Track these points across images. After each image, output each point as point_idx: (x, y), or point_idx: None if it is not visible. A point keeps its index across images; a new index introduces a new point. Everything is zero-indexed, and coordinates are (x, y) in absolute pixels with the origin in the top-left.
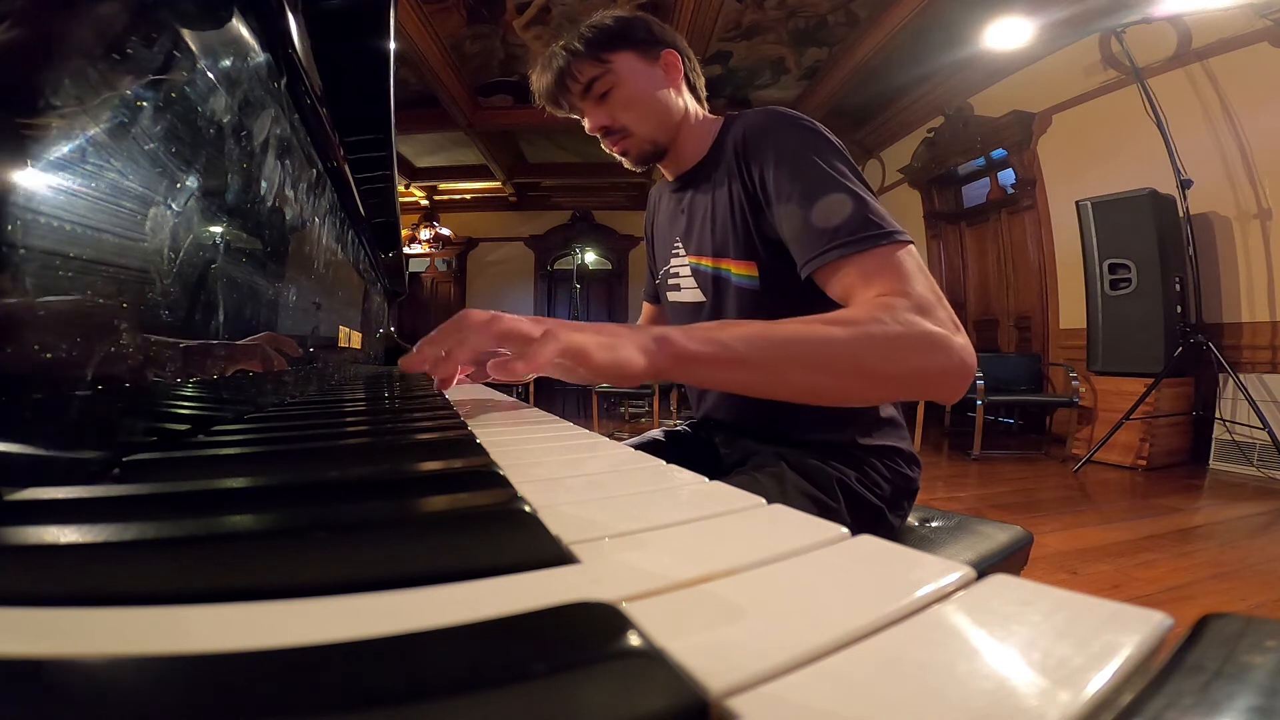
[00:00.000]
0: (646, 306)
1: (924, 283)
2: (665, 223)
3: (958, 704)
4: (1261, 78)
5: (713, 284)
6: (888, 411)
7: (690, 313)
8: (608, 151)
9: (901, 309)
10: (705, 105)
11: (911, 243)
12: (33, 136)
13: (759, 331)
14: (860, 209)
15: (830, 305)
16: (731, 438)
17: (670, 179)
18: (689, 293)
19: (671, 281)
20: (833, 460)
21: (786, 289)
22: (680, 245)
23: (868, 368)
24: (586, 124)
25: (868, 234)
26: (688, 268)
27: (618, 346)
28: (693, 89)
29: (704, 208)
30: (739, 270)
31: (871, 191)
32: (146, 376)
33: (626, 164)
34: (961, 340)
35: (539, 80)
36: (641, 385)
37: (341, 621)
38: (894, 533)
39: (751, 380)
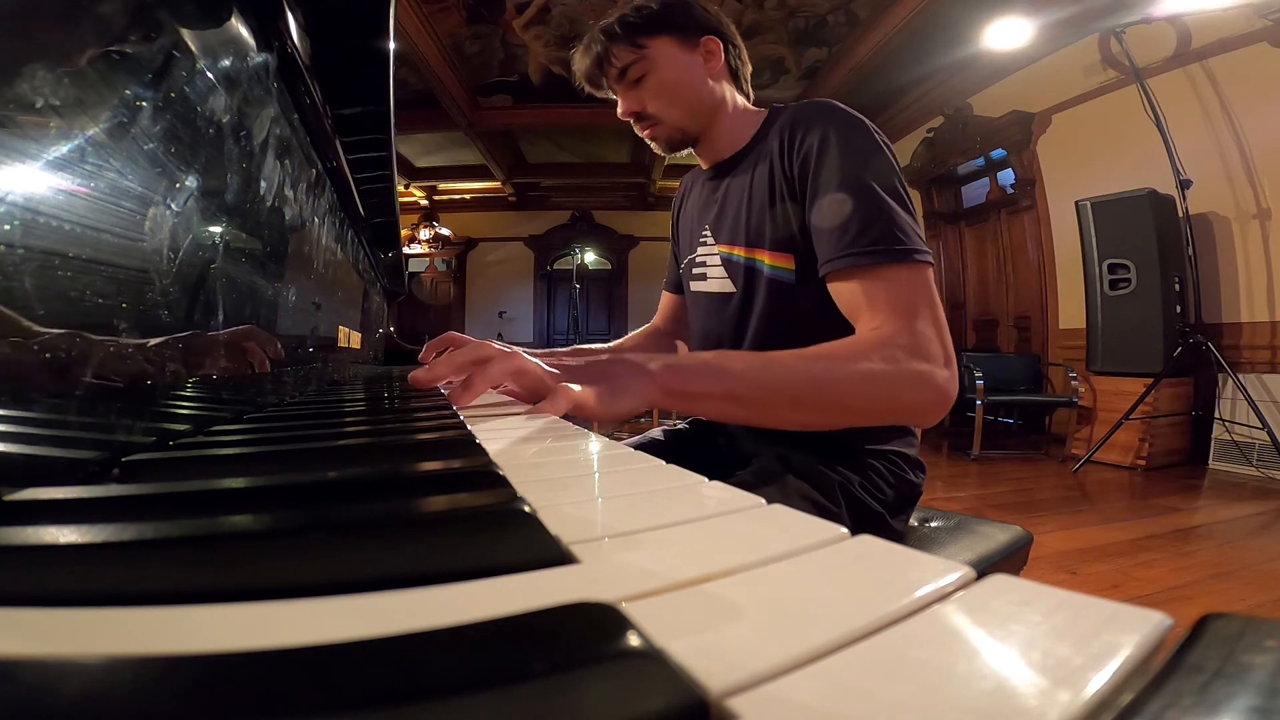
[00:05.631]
0: (666, 296)
1: (927, 314)
2: (694, 211)
3: (957, 704)
4: (1261, 78)
5: (744, 275)
6: None
7: (717, 303)
8: (639, 135)
9: (895, 348)
10: (750, 92)
11: (929, 264)
12: (33, 136)
13: (754, 366)
14: (884, 218)
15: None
16: (735, 438)
17: (705, 166)
18: (716, 282)
19: (697, 271)
20: (835, 464)
21: (822, 285)
22: (709, 233)
23: (853, 407)
24: (619, 108)
25: (882, 248)
26: (717, 257)
27: (618, 396)
28: (735, 76)
29: (739, 196)
30: (772, 262)
31: (907, 199)
32: (146, 376)
33: (655, 149)
34: (945, 375)
35: (579, 63)
36: None
37: (341, 621)
38: (896, 538)
39: (743, 414)
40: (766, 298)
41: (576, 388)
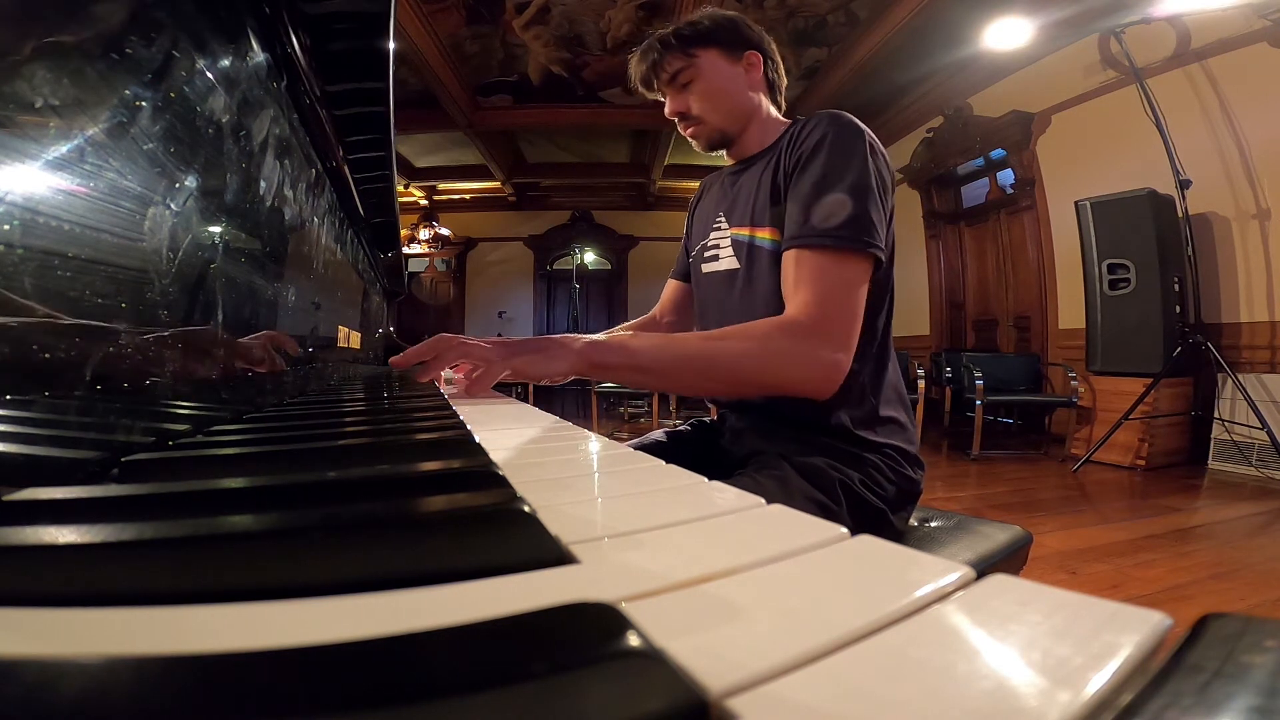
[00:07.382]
0: (670, 284)
1: (840, 300)
2: (711, 203)
3: (957, 704)
4: (1261, 78)
5: (747, 251)
6: (893, 411)
7: (725, 280)
8: (682, 133)
9: (793, 329)
10: (782, 103)
11: (870, 256)
12: (33, 136)
13: (662, 344)
14: (845, 211)
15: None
16: (736, 436)
17: (732, 164)
18: (726, 261)
19: (709, 254)
20: (835, 462)
21: None
22: (723, 219)
23: (744, 379)
24: (666, 107)
25: (832, 235)
26: (728, 239)
27: (545, 362)
28: (771, 87)
29: (750, 186)
30: (769, 236)
31: (880, 201)
32: (145, 376)
33: (696, 146)
34: (836, 357)
35: (635, 66)
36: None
37: (341, 621)
38: (897, 535)
39: (652, 382)
40: (761, 269)
41: (515, 360)
